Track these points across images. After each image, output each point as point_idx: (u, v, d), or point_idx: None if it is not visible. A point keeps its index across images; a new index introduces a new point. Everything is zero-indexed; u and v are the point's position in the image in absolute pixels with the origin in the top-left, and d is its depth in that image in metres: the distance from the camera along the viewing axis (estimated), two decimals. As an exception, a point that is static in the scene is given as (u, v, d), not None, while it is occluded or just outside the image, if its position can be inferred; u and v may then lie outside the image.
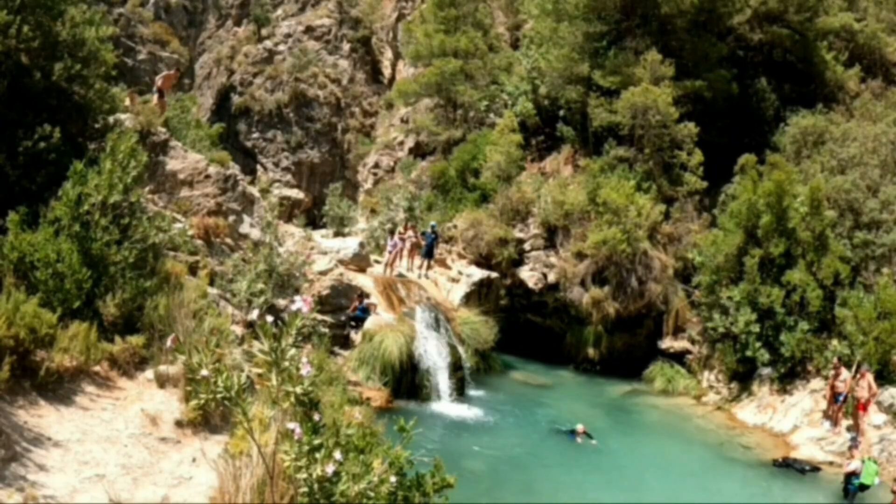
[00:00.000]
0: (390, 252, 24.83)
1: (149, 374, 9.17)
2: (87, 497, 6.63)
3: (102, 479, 6.90)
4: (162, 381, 8.97)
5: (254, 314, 5.60)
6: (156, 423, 8.15)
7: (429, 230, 25.26)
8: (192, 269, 13.49)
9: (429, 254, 24.83)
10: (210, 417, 8.52)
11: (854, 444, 17.58)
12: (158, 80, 19.75)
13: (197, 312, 10.29)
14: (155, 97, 19.11)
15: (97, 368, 8.91)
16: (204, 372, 5.35)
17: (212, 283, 13.97)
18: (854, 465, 16.18)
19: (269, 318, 5.36)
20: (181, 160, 16.86)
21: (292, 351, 5.45)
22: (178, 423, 8.30)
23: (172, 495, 7.08)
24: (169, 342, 9.07)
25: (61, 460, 7.09)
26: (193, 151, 18.12)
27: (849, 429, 19.11)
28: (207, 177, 17.12)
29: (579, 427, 18.33)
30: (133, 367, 9.28)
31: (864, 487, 16.01)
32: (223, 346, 9.79)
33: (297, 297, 5.44)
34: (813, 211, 22.64)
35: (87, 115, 12.49)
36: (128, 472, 7.20)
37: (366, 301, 20.55)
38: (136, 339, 9.32)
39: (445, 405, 20.18)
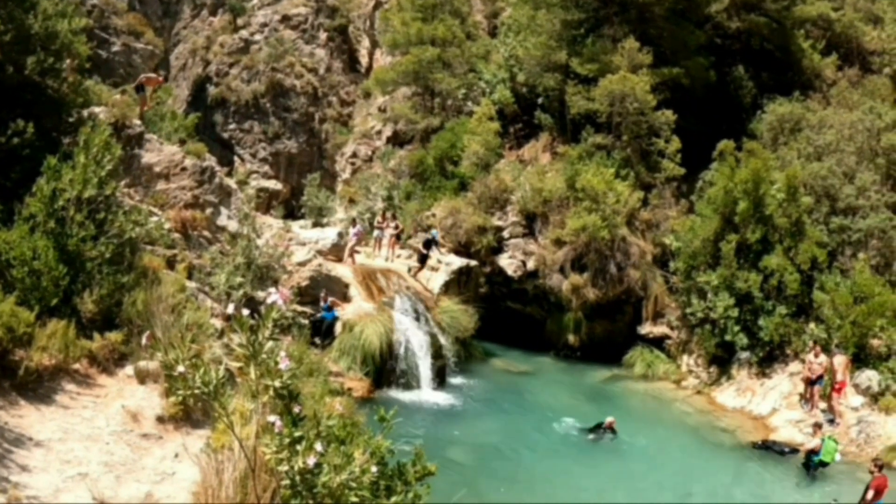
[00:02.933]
0: (354, 237, 24.54)
1: (129, 370, 9.10)
2: (71, 496, 6.60)
3: (85, 478, 6.87)
4: (142, 377, 8.90)
5: (230, 307, 5.53)
6: (137, 420, 8.11)
7: (430, 235, 24.86)
8: (170, 263, 13.42)
9: (423, 260, 24.38)
10: (191, 412, 8.49)
11: (831, 424, 17.93)
12: (143, 78, 19.47)
13: (175, 307, 10.23)
14: (147, 92, 18.92)
15: (77, 366, 8.85)
16: (180, 368, 5.30)
17: (190, 277, 13.91)
18: (814, 442, 16.71)
19: (246, 311, 5.33)
20: (157, 153, 16.77)
21: (270, 344, 5.40)
22: (160, 419, 8.27)
23: (156, 492, 7.05)
24: (144, 339, 9.01)
25: (44, 460, 7.05)
26: (169, 144, 18.00)
27: (823, 411, 19.44)
28: (184, 169, 17.03)
29: (608, 420, 18.13)
30: (113, 364, 9.20)
31: (823, 464, 16.52)
32: (202, 340, 9.75)
33: (272, 290, 5.31)
34: (789, 197, 22.84)
35: (61, 109, 12.37)
36: (110, 469, 7.17)
37: (329, 299, 20.13)
38: (114, 336, 9.25)
39: (427, 394, 20.26)
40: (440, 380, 21.12)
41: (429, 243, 23.55)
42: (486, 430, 18.30)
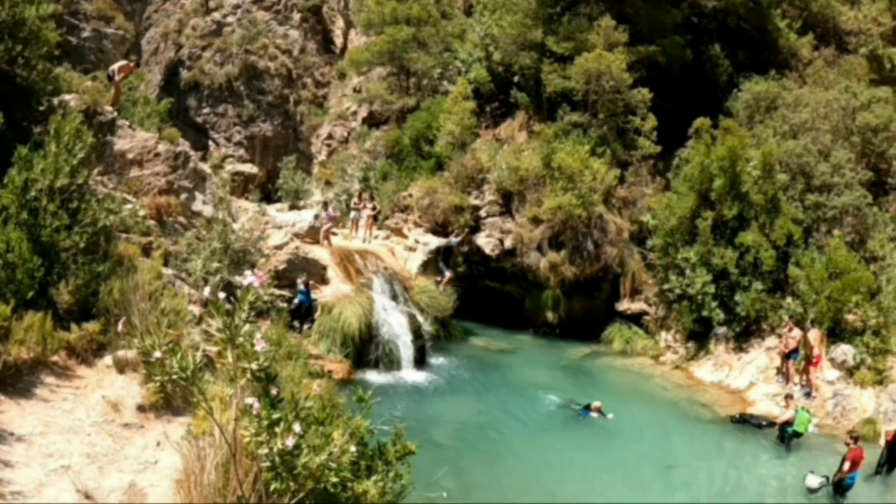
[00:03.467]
0: (328, 222, 24.29)
1: (107, 360, 9.06)
2: (54, 490, 6.59)
3: (68, 471, 6.85)
4: (121, 367, 8.86)
5: (206, 291, 5.51)
6: (118, 410, 8.09)
7: (451, 242, 24.25)
8: (146, 251, 13.33)
9: (446, 262, 23.70)
10: (172, 400, 8.46)
11: (807, 397, 18.25)
12: (115, 67, 19.17)
13: (152, 294, 10.16)
14: (118, 78, 18.68)
15: (55, 358, 8.79)
16: (157, 354, 5.32)
17: (166, 264, 13.83)
18: (788, 414, 17.06)
19: (222, 295, 5.31)
20: (129, 139, 16.59)
21: (246, 327, 5.43)
22: (141, 408, 8.24)
23: (138, 481, 7.05)
24: (120, 326, 8.97)
25: (26, 454, 7.03)
26: (142, 129, 17.83)
27: (797, 384, 19.77)
28: (157, 155, 16.88)
29: (595, 404, 18.13)
30: (91, 355, 9.14)
31: (797, 435, 16.90)
32: (180, 327, 9.73)
33: (247, 272, 5.39)
34: (765, 174, 23.06)
35: (30, 97, 12.21)
36: (93, 460, 7.16)
37: (299, 281, 19.77)
38: (92, 326, 9.19)
39: (407, 374, 20.32)
40: (420, 360, 21.16)
41: (448, 253, 22.63)
42: (467, 408, 18.39)
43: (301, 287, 19.44)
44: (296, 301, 19.44)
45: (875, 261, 21.69)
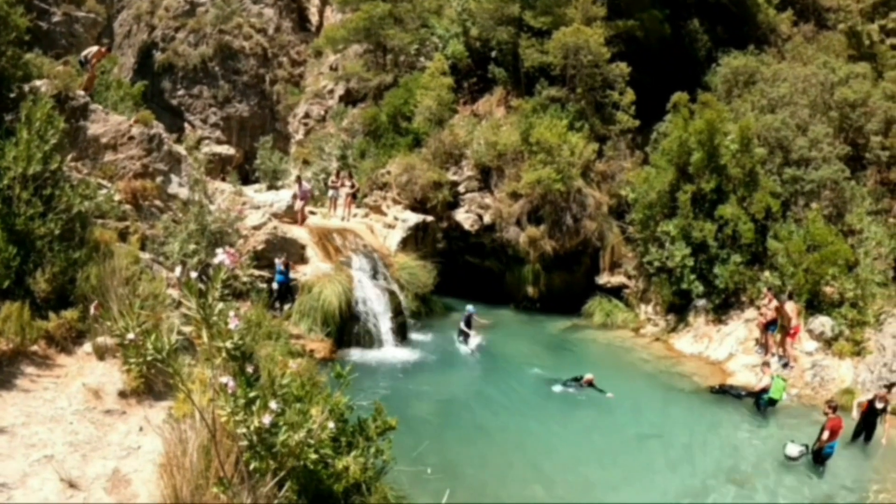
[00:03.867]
0: (301, 199, 24.07)
1: (87, 347, 8.98)
2: (38, 480, 6.60)
3: (52, 460, 6.86)
4: (101, 353, 8.80)
5: (177, 271, 5.50)
6: (99, 397, 8.06)
7: (467, 312, 22.33)
8: (123, 236, 13.23)
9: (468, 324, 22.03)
10: (153, 384, 8.42)
11: (785, 367, 18.54)
12: (87, 54, 18.93)
13: (130, 279, 10.10)
14: (87, 71, 18.51)
15: (35, 348, 8.73)
16: (130, 335, 5.29)
17: (143, 248, 13.74)
18: (764, 381, 17.41)
19: (194, 275, 5.31)
20: (103, 123, 16.44)
21: (220, 306, 5.40)
22: (122, 394, 8.21)
23: (122, 467, 7.05)
24: (92, 309, 8.94)
25: (8, 446, 7.01)
26: (116, 113, 17.66)
27: (775, 354, 20.04)
28: (131, 138, 16.74)
29: (587, 376, 18.21)
30: (71, 342, 9.07)
31: (773, 402, 17.26)
32: (160, 311, 9.71)
33: (219, 251, 5.33)
34: (743, 148, 23.15)
35: (0, 84, 12.06)
36: (76, 449, 7.16)
37: (278, 261, 19.60)
38: (70, 314, 9.09)
39: (389, 351, 20.36)
40: (402, 336, 21.24)
41: (468, 320, 21.98)
42: (449, 384, 18.47)
43: (280, 267, 19.39)
44: (275, 283, 19.34)
45: (853, 234, 21.88)
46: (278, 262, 19.38)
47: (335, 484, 7.63)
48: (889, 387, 16.80)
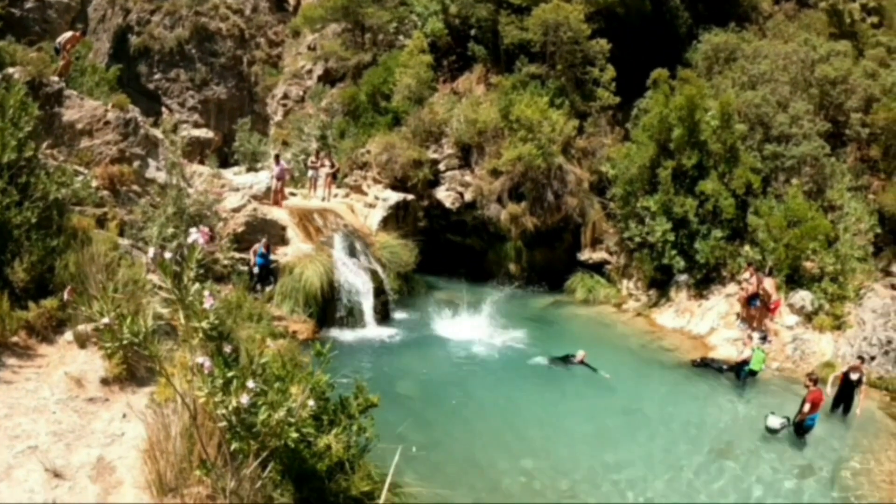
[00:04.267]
0: (276, 180, 23.77)
1: (68, 335, 8.94)
2: (23, 471, 6.59)
3: (36, 451, 6.85)
4: (82, 341, 8.76)
5: (150, 252, 5.45)
6: (82, 385, 8.03)
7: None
8: (101, 222, 13.15)
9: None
10: (135, 370, 8.41)
11: (764, 341, 18.79)
12: (62, 40, 18.71)
13: (109, 265, 10.07)
14: (62, 57, 18.32)
15: (15, 339, 8.67)
16: (105, 319, 5.25)
17: (122, 234, 13.67)
18: (746, 353, 17.65)
19: (168, 255, 5.20)
20: (78, 109, 16.28)
21: (196, 286, 5.38)
22: (104, 381, 8.19)
23: (107, 454, 7.05)
24: (66, 294, 8.90)
25: (-8, 438, 6.96)
26: (91, 99, 17.50)
27: (754, 327, 20.29)
28: (107, 123, 16.59)
29: (579, 354, 18.24)
30: (51, 332, 9.03)
31: (753, 373, 17.60)
32: (140, 296, 9.70)
33: (192, 230, 5.27)
34: (724, 124, 23.23)
35: (-27, 73, 11.92)
36: (60, 438, 7.15)
37: (258, 245, 19.34)
38: (50, 303, 9.04)
39: (372, 330, 20.37)
40: (384, 315, 21.26)
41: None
42: (432, 362, 18.46)
43: (261, 250, 19.28)
44: (255, 267, 19.15)
45: (833, 210, 22.01)
46: (259, 246, 19.32)
47: (318, 463, 7.67)
48: (862, 358, 17.03)
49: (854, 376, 15.91)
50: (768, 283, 20.06)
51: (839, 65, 24.18)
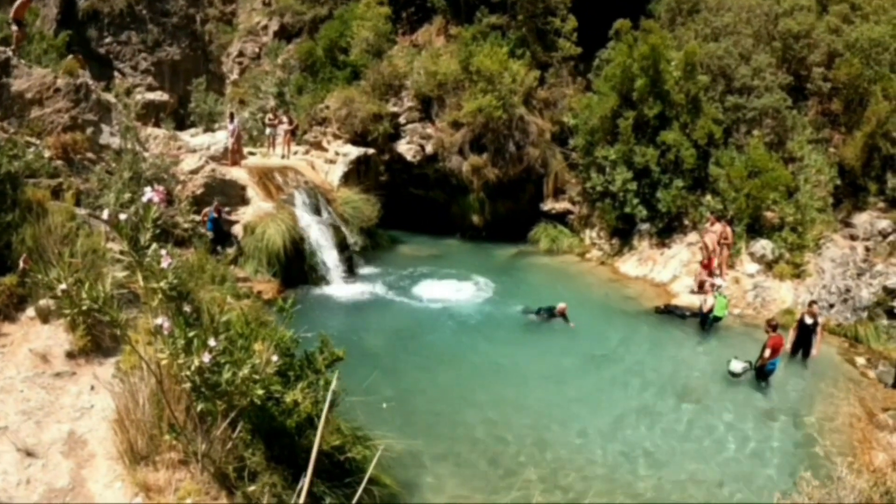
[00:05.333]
0: (231, 138, 23.39)
1: (30, 311, 8.85)
2: (-5, 453, 6.52)
3: (6, 431, 6.85)
4: (45, 316, 8.67)
5: (104, 214, 5.41)
6: (47, 361, 8.00)
7: None
8: (56, 193, 12.85)
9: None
10: (100, 341, 8.38)
11: (715, 287, 19.18)
12: (12, 11, 18.17)
13: (67, 236, 10.02)
14: (14, 28, 17.83)
15: (-25, 319, 8.49)
16: (63, 286, 5.21)
17: (79, 204, 13.38)
18: (710, 301, 17.98)
19: (123, 216, 5.12)
20: (26, 78, 15.82)
21: (153, 246, 5.37)
22: (70, 355, 8.17)
23: (77, 428, 7.10)
24: (21, 263, 8.82)
25: (-39, 423, 6.89)
26: (40, 66, 17.06)
27: (711, 274, 20.65)
28: (57, 90, 16.18)
29: (560, 306, 18.20)
30: (13, 309, 8.91)
31: (717, 319, 17.99)
32: (100, 266, 9.65)
33: (146, 189, 5.21)
34: (687, 75, 23.23)
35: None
36: (29, 416, 7.15)
37: (209, 209, 18.98)
38: (9, 279, 8.92)
39: (337, 287, 20.38)
40: (349, 271, 21.23)
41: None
42: (399, 316, 18.54)
43: (212, 214, 18.91)
44: (208, 232, 18.74)
45: (793, 161, 22.12)
46: (209, 210, 18.97)
47: (287, 420, 7.74)
48: (814, 302, 17.32)
49: (809, 321, 16.23)
50: (709, 240, 20.41)
51: (802, 19, 24.14)
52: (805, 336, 16.33)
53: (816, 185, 21.45)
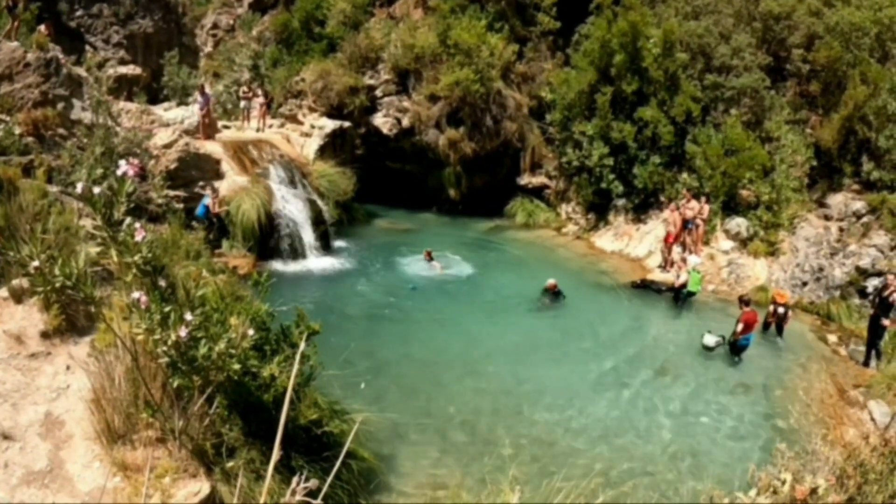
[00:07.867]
0: (201, 111, 23.00)
1: (2, 292, 8.65)
2: (-29, 438, 6.46)
3: None
4: (18, 296, 8.49)
5: (78, 187, 5.35)
6: (22, 342, 7.89)
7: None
8: (27, 170, 12.68)
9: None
10: (75, 320, 8.28)
11: (685, 261, 19.44)
12: None
13: (39, 214, 9.92)
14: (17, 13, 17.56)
15: (-54, 302, 8.38)
16: (35, 263, 5.14)
17: (50, 181, 13.21)
18: (683, 277, 18.26)
19: (97, 189, 5.05)
20: (-6, 53, 15.58)
21: (127, 220, 5.31)
22: (45, 335, 8.06)
23: (54, 409, 7.06)
24: None
25: (-65, 410, 6.83)
26: (7, 41, 16.74)
27: (684, 248, 20.88)
28: (27, 65, 15.88)
29: (550, 282, 18.23)
30: None
31: (691, 294, 18.28)
32: (74, 243, 9.56)
33: (121, 162, 5.13)
34: (666, 52, 23.30)
35: None
36: (5, 399, 7.08)
37: (206, 195, 18.91)
38: None
39: (313, 261, 20.33)
40: (324, 245, 21.18)
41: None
42: (375, 289, 18.56)
43: (207, 200, 18.77)
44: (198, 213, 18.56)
45: (770, 141, 22.30)
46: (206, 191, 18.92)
47: (264, 394, 7.73)
48: (781, 295, 17.58)
49: (781, 310, 16.48)
50: (674, 217, 20.68)
51: (784, 1, 24.26)
52: (778, 320, 16.63)
53: (793, 166, 21.69)
